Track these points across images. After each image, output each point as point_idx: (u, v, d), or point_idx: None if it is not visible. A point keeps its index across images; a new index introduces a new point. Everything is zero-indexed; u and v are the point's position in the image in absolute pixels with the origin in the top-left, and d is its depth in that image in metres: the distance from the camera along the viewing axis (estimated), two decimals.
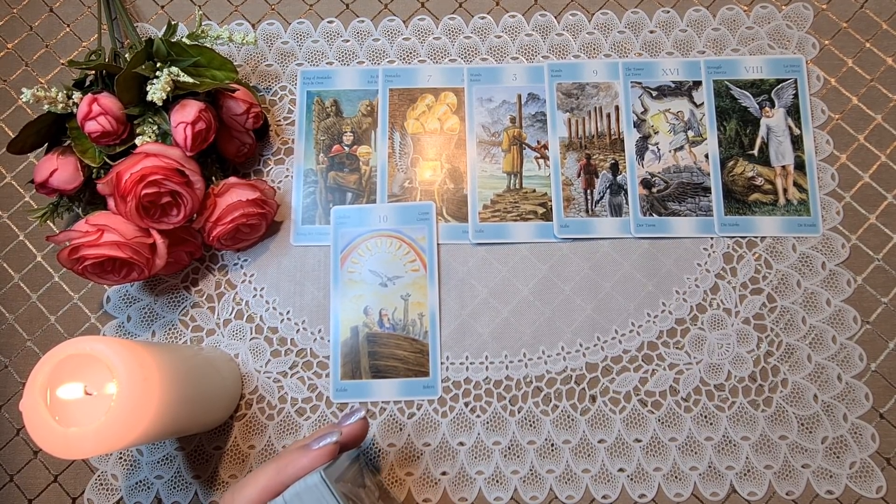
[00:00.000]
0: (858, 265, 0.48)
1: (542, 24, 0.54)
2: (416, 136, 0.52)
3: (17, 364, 0.49)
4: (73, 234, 0.42)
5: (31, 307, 0.50)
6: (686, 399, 0.46)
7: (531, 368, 0.47)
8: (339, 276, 0.48)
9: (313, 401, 0.47)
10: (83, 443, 0.33)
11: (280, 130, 0.53)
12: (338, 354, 0.47)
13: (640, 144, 0.51)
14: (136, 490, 0.46)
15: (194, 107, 0.43)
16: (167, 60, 0.45)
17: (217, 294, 0.49)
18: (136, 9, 0.56)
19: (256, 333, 0.48)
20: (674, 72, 0.52)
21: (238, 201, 0.45)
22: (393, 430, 0.46)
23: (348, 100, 0.52)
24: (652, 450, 0.45)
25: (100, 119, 0.42)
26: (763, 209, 0.49)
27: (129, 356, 0.35)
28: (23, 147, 0.45)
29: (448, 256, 0.49)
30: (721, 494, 0.45)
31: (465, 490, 0.45)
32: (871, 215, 0.49)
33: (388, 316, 0.48)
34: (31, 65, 0.55)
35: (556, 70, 0.52)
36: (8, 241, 0.52)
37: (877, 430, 0.45)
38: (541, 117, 0.52)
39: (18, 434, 0.48)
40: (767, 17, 0.53)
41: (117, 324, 0.49)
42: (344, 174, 0.51)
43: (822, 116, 0.51)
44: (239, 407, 0.47)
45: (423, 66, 0.53)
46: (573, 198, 0.50)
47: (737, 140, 0.50)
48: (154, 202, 0.42)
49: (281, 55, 0.54)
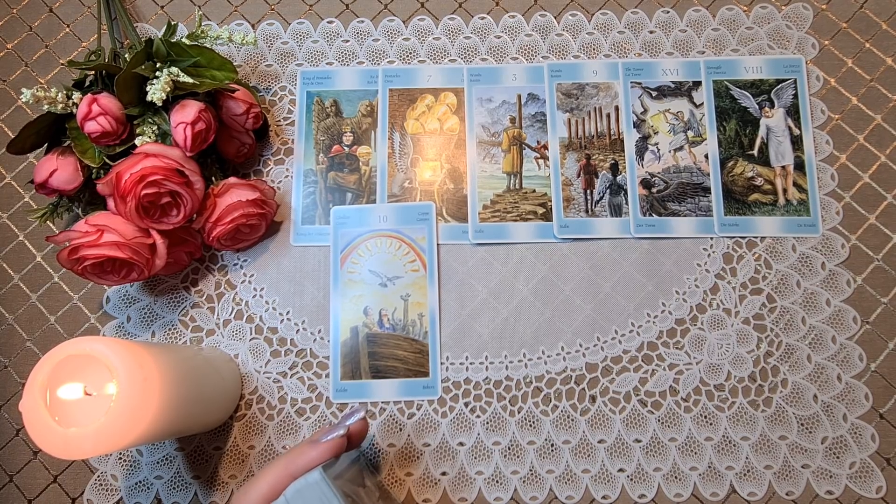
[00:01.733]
0: (858, 265, 0.48)
1: (542, 25, 0.54)
2: (415, 136, 0.52)
3: (16, 364, 0.49)
4: (72, 235, 0.42)
5: (31, 307, 0.50)
6: (686, 399, 0.46)
7: (531, 369, 0.47)
8: (338, 277, 0.48)
9: (313, 401, 0.47)
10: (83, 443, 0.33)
11: (280, 130, 0.53)
12: (338, 355, 0.47)
13: (639, 145, 0.51)
14: (136, 490, 0.46)
15: (194, 107, 0.43)
16: (167, 61, 0.45)
17: (217, 294, 0.49)
18: (136, 9, 0.56)
19: (256, 334, 0.48)
20: (674, 72, 0.52)
21: (238, 201, 0.45)
22: (393, 430, 0.46)
23: (348, 100, 0.52)
24: (652, 450, 0.45)
25: (99, 119, 0.42)
26: (763, 209, 0.49)
27: (128, 356, 0.35)
28: (23, 147, 0.45)
29: (448, 256, 0.49)
30: (721, 495, 0.45)
31: (465, 490, 0.45)
32: (871, 215, 0.49)
33: (387, 316, 0.48)
34: (31, 65, 0.55)
35: (556, 70, 0.52)
36: (8, 241, 0.52)
37: (876, 431, 0.45)
38: (541, 117, 0.52)
39: (18, 434, 0.48)
40: (767, 17, 0.53)
41: (117, 324, 0.49)
42: (344, 174, 0.51)
43: (821, 116, 0.51)
44: (239, 407, 0.47)
45: (422, 66, 0.53)
46: (573, 198, 0.50)
47: (736, 140, 0.50)
48: (154, 202, 0.42)
49: (281, 55, 0.54)
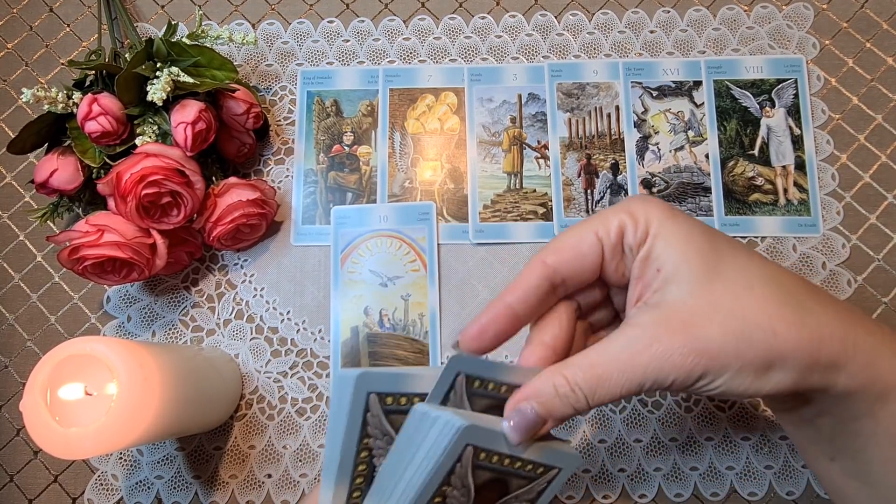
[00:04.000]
0: (858, 265, 0.48)
1: (543, 24, 0.54)
2: (416, 136, 0.52)
3: (17, 364, 0.49)
4: (73, 235, 0.42)
5: (31, 307, 0.50)
6: (686, 399, 0.46)
7: None
8: (339, 277, 0.48)
9: (313, 401, 0.47)
10: (83, 443, 0.33)
11: (280, 130, 0.53)
12: (338, 354, 0.47)
13: (640, 144, 0.51)
14: (136, 490, 0.46)
15: (194, 107, 0.43)
16: (167, 60, 0.45)
17: (217, 294, 0.49)
18: (136, 9, 0.56)
19: (257, 333, 0.48)
20: (674, 72, 0.52)
21: (238, 201, 0.45)
22: None
23: (348, 100, 0.52)
24: (652, 450, 0.45)
25: (100, 119, 0.42)
26: (763, 209, 0.49)
27: (129, 356, 0.35)
28: (23, 147, 0.45)
29: (448, 256, 0.49)
30: (721, 494, 0.44)
31: None
32: (872, 215, 0.49)
33: (388, 316, 0.48)
34: (31, 65, 0.55)
35: (557, 70, 0.52)
36: (8, 241, 0.52)
37: None
38: (541, 117, 0.52)
39: (18, 434, 0.48)
40: (768, 17, 0.53)
41: (117, 324, 0.49)
42: (344, 174, 0.51)
43: (822, 116, 0.51)
44: (239, 407, 0.47)
45: (423, 66, 0.53)
46: (573, 198, 0.50)
47: (737, 140, 0.50)
48: (154, 202, 0.42)
49: (281, 55, 0.54)
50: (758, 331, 0.25)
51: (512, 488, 0.28)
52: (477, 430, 0.25)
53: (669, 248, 0.27)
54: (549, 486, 0.28)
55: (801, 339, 0.25)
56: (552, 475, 0.28)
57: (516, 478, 0.27)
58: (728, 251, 0.27)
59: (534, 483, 0.28)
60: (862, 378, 0.26)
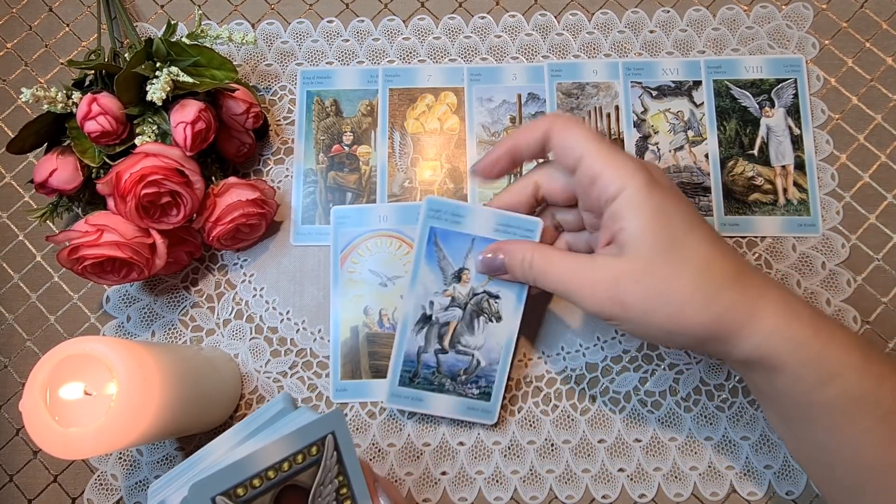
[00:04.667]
0: (858, 265, 0.48)
1: (542, 24, 0.54)
2: (416, 135, 0.52)
3: (16, 364, 0.49)
4: (72, 234, 0.42)
5: (31, 307, 0.50)
6: (686, 399, 0.46)
7: (531, 368, 0.47)
8: (338, 276, 0.48)
9: (313, 401, 0.47)
10: (83, 443, 0.33)
11: (280, 130, 0.53)
12: (338, 354, 0.47)
13: (640, 144, 0.51)
14: (136, 490, 0.46)
15: (194, 107, 0.43)
16: (167, 60, 0.45)
17: (217, 294, 0.49)
18: (136, 9, 0.56)
19: (256, 333, 0.48)
20: (674, 72, 0.52)
21: (238, 201, 0.45)
22: (393, 430, 0.46)
23: (348, 100, 0.52)
24: (652, 450, 0.45)
25: (99, 119, 0.42)
26: (763, 209, 0.49)
27: (129, 356, 0.35)
28: (22, 147, 0.45)
29: None
30: (721, 494, 0.45)
31: (465, 490, 0.45)
32: (871, 215, 0.49)
33: (388, 316, 0.48)
34: (31, 65, 0.55)
35: (556, 70, 0.52)
36: (7, 241, 0.52)
37: None
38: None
39: (18, 434, 0.48)
40: (767, 16, 0.53)
41: (117, 324, 0.49)
42: (344, 174, 0.51)
43: (822, 116, 0.51)
44: (239, 407, 0.47)
45: (423, 65, 0.53)
46: None
47: (737, 140, 0.50)
48: (154, 202, 0.42)
49: (281, 55, 0.54)
50: (670, 306, 0.33)
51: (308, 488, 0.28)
52: (207, 484, 0.25)
53: (634, 218, 0.34)
54: (338, 455, 0.29)
55: (702, 318, 0.33)
56: (320, 455, 0.28)
57: (293, 485, 0.28)
58: (681, 236, 0.34)
59: (313, 468, 0.28)
60: (756, 352, 0.33)
